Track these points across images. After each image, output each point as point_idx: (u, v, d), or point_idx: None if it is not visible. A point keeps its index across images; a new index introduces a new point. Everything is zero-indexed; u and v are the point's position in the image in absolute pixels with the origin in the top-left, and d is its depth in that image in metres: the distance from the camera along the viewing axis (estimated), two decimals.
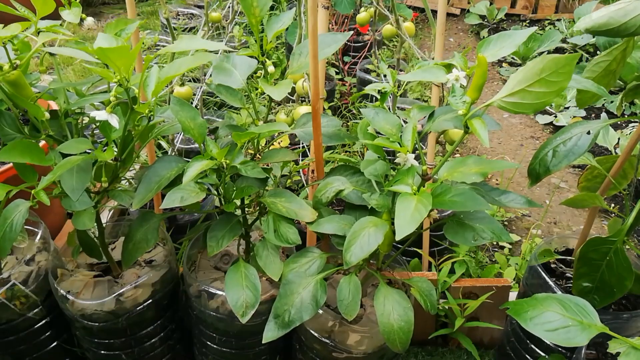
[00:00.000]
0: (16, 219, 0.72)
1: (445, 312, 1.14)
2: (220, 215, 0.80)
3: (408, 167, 0.65)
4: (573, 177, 1.95)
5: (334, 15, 2.19)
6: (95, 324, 0.86)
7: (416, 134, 0.67)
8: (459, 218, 0.69)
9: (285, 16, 0.71)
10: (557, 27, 3.10)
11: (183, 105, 0.73)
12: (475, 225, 0.68)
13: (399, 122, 0.72)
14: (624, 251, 0.72)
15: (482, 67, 0.54)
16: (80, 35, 2.81)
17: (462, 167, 0.62)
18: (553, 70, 0.50)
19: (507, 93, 0.54)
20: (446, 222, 0.70)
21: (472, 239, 0.67)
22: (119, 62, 0.57)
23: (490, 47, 0.61)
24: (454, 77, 0.59)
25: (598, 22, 0.57)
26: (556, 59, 0.50)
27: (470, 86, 0.57)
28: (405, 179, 0.63)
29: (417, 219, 0.54)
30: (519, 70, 0.53)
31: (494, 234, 0.66)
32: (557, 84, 0.51)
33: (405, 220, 0.54)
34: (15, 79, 0.66)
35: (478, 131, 0.56)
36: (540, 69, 0.51)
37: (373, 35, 1.27)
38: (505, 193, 0.72)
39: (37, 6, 0.65)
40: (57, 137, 0.75)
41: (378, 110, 0.73)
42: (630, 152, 0.78)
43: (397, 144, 0.67)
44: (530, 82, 0.52)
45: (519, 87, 0.53)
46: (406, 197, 0.58)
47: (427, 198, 0.58)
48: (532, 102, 0.53)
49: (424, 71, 0.63)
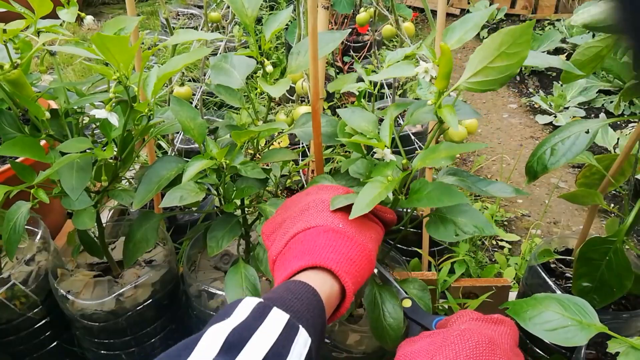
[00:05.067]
0: (19, 220, 0.72)
1: (445, 312, 1.14)
2: (220, 216, 0.80)
3: (387, 161, 0.65)
4: (572, 177, 1.95)
5: (334, 15, 2.20)
6: (95, 324, 0.86)
7: (393, 129, 0.67)
8: (441, 212, 0.66)
9: (282, 15, 0.71)
10: (557, 27, 3.11)
11: (183, 105, 0.73)
12: (457, 219, 0.64)
13: (375, 119, 0.71)
14: (623, 251, 0.72)
15: (447, 56, 0.55)
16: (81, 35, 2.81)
17: (433, 154, 0.61)
18: (511, 42, 0.51)
19: (471, 74, 0.55)
20: (429, 216, 0.68)
21: (454, 233, 0.64)
22: (117, 55, 0.56)
23: (456, 33, 0.60)
24: (422, 69, 0.58)
25: (596, 17, 0.57)
26: (512, 31, 0.50)
27: (437, 76, 0.57)
28: (383, 171, 0.62)
29: (374, 201, 0.56)
30: (477, 49, 0.54)
31: (477, 227, 0.62)
32: (517, 54, 0.51)
33: (363, 202, 0.55)
34: (16, 78, 0.66)
35: (447, 118, 0.58)
36: (499, 44, 0.51)
37: (373, 35, 1.27)
38: (492, 183, 0.69)
39: (34, 6, 0.65)
40: (58, 137, 0.75)
41: (354, 109, 0.73)
42: (629, 151, 0.78)
43: (374, 140, 0.67)
44: (491, 59, 0.52)
45: (481, 66, 0.53)
46: (373, 183, 0.59)
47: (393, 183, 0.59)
48: (497, 77, 0.53)
49: (394, 68, 0.62)
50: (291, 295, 0.42)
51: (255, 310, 0.38)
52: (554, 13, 3.38)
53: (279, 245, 0.52)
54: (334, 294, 0.46)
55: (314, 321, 0.40)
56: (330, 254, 0.47)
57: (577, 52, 0.73)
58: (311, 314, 0.40)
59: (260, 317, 0.37)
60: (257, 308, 0.38)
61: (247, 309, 0.38)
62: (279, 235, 0.53)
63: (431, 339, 0.47)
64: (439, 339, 0.46)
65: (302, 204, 0.55)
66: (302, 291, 0.43)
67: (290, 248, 0.50)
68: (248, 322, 0.36)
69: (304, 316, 0.39)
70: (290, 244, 0.51)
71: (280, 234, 0.53)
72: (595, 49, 0.71)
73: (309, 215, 0.52)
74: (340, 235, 0.50)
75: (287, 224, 0.53)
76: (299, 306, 0.40)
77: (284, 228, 0.53)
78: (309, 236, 0.49)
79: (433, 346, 0.45)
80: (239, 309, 0.38)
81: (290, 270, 0.46)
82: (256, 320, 0.36)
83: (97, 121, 0.75)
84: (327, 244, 0.48)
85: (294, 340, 0.36)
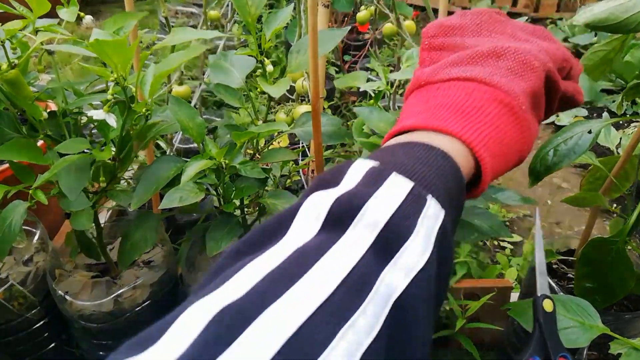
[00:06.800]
0: (15, 219, 0.71)
1: (446, 313, 1.13)
2: (220, 216, 0.79)
3: None
4: (575, 177, 1.94)
5: (334, 13, 2.19)
6: (93, 325, 0.86)
7: None
8: None
9: (283, 13, 0.71)
10: (559, 26, 3.10)
11: (181, 105, 0.72)
12: (473, 221, 0.67)
13: (393, 121, 0.71)
14: (625, 251, 0.71)
15: None
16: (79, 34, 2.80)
17: None
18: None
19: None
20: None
21: (470, 235, 0.66)
22: (115, 57, 0.56)
23: None
24: None
25: (598, 16, 0.57)
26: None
27: None
28: None
29: None
30: None
31: (492, 229, 0.66)
32: None
33: None
34: (14, 78, 0.66)
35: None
36: None
37: (373, 33, 1.26)
38: (501, 190, 0.72)
39: (32, 5, 0.64)
40: (55, 137, 0.74)
41: (372, 108, 0.73)
42: (631, 153, 0.77)
43: None
44: None
45: None
46: None
47: None
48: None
49: (413, 68, 0.62)
50: (414, 159, 0.31)
51: (368, 175, 0.29)
52: (556, 12, 3.37)
53: (439, 73, 0.38)
54: (466, 169, 0.34)
55: (448, 190, 0.31)
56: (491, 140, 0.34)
57: (584, 57, 0.72)
58: (443, 181, 0.31)
59: (375, 184, 0.28)
60: (371, 172, 0.29)
61: (358, 174, 0.30)
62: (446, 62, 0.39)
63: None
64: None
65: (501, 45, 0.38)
66: (431, 156, 0.32)
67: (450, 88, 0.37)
68: (359, 190, 0.28)
69: (434, 184, 0.30)
70: (455, 84, 0.37)
71: (449, 62, 0.38)
72: (602, 52, 0.70)
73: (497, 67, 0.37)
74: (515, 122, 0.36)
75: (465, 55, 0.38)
76: (426, 172, 0.31)
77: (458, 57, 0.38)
78: (481, 94, 0.36)
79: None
80: (348, 175, 0.30)
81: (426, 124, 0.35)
82: (369, 187, 0.28)
83: (95, 121, 0.74)
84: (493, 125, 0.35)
85: (421, 212, 0.28)
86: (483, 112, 0.35)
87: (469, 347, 1.11)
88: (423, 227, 0.27)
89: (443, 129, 0.34)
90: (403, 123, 0.36)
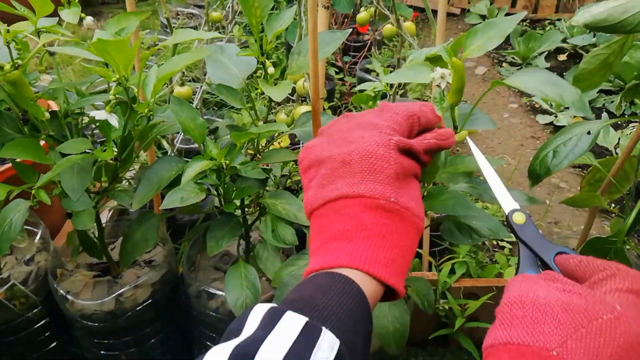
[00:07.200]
0: (15, 218, 0.72)
1: (446, 313, 1.14)
2: (220, 216, 0.80)
3: None
4: (573, 177, 1.95)
5: (334, 14, 2.19)
6: (94, 324, 0.86)
7: None
8: (456, 217, 0.69)
9: (285, 15, 0.71)
10: (558, 27, 3.10)
11: (183, 105, 0.73)
12: (472, 223, 0.68)
13: None
14: (624, 251, 0.72)
15: (459, 71, 0.52)
16: (80, 35, 2.81)
17: (450, 167, 0.62)
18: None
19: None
20: (443, 222, 0.70)
21: (469, 237, 0.67)
22: (117, 58, 0.56)
23: (477, 39, 0.56)
24: (439, 74, 0.54)
25: (597, 17, 0.57)
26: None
27: (450, 90, 0.55)
28: None
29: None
30: None
31: (491, 231, 0.67)
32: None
33: None
34: (16, 78, 0.66)
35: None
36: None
37: (373, 34, 1.27)
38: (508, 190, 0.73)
39: (35, 6, 0.65)
40: (57, 137, 0.75)
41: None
42: (629, 153, 0.78)
43: None
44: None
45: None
46: None
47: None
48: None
49: (408, 70, 0.60)
50: (316, 288, 0.35)
51: (265, 318, 0.32)
52: (555, 13, 3.38)
53: (316, 200, 0.42)
54: (371, 285, 0.38)
55: (347, 318, 0.33)
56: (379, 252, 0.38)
57: (583, 61, 0.72)
58: (343, 309, 0.33)
59: (271, 326, 0.31)
60: (267, 315, 0.32)
61: (257, 318, 0.32)
62: (316, 183, 0.43)
63: (567, 298, 0.32)
64: (578, 305, 0.31)
65: (347, 150, 0.42)
66: (332, 282, 0.35)
67: (329, 215, 0.41)
68: (255, 336, 0.31)
69: (333, 314, 0.33)
70: (330, 207, 0.41)
71: (318, 184, 0.43)
72: (602, 56, 0.70)
73: (352, 174, 0.41)
74: (391, 217, 0.40)
75: (326, 171, 0.42)
76: (325, 302, 0.33)
77: (323, 176, 0.42)
78: (351, 209, 0.40)
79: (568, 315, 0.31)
80: (249, 321, 0.32)
81: (324, 264, 0.38)
82: (265, 330, 0.31)
83: (97, 122, 0.74)
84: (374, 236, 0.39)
85: (315, 345, 0.30)
86: (362, 228, 0.39)
87: (468, 347, 1.11)
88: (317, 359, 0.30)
89: (337, 265, 0.38)
90: (309, 265, 0.40)
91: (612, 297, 0.32)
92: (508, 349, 0.31)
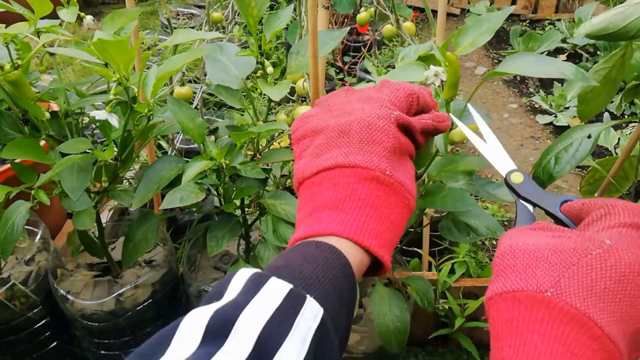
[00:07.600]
0: (17, 220, 0.72)
1: (446, 312, 1.14)
2: (220, 216, 0.80)
3: None
4: (573, 177, 1.95)
5: (334, 15, 2.19)
6: (95, 324, 0.86)
7: None
8: (454, 215, 0.69)
9: (283, 14, 0.71)
10: (557, 27, 3.10)
11: (181, 106, 0.73)
12: (470, 222, 0.69)
13: None
14: None
15: (453, 66, 0.53)
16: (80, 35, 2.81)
17: (450, 166, 0.63)
18: None
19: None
20: (442, 220, 0.70)
21: (467, 235, 0.67)
22: (118, 57, 0.56)
23: (469, 35, 0.56)
24: (432, 72, 0.54)
25: (597, 26, 0.57)
26: None
27: (445, 86, 0.55)
28: None
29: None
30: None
31: (489, 229, 0.67)
32: None
33: None
34: (16, 78, 0.66)
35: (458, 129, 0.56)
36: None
37: (373, 35, 1.27)
38: (501, 186, 0.72)
39: (34, 6, 0.65)
40: (58, 137, 0.75)
41: None
42: (629, 153, 0.78)
43: None
44: None
45: None
46: None
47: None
48: None
49: (402, 69, 0.59)
50: (302, 257, 0.34)
51: (247, 284, 0.31)
52: (555, 13, 3.38)
53: (308, 169, 0.42)
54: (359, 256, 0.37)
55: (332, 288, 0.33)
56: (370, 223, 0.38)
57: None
58: (329, 278, 0.33)
59: (254, 291, 0.30)
60: (250, 280, 0.31)
61: (239, 283, 0.31)
62: (310, 152, 0.43)
63: (556, 241, 0.32)
64: (567, 246, 0.32)
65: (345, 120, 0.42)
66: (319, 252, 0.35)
67: (321, 184, 0.40)
68: (237, 300, 0.29)
69: (318, 283, 0.32)
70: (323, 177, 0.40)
71: (312, 153, 0.42)
72: (604, 70, 0.70)
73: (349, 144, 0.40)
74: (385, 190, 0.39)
75: (322, 141, 0.42)
76: (311, 271, 0.33)
77: (318, 145, 0.42)
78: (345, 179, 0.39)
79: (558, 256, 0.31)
80: (231, 286, 0.31)
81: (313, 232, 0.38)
82: (247, 295, 0.30)
83: (97, 121, 0.75)
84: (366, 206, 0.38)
85: (298, 312, 0.29)
86: (355, 198, 0.38)
87: (468, 346, 1.11)
88: (299, 329, 0.28)
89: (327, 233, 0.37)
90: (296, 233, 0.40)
91: (603, 234, 0.33)
92: (504, 298, 0.32)
